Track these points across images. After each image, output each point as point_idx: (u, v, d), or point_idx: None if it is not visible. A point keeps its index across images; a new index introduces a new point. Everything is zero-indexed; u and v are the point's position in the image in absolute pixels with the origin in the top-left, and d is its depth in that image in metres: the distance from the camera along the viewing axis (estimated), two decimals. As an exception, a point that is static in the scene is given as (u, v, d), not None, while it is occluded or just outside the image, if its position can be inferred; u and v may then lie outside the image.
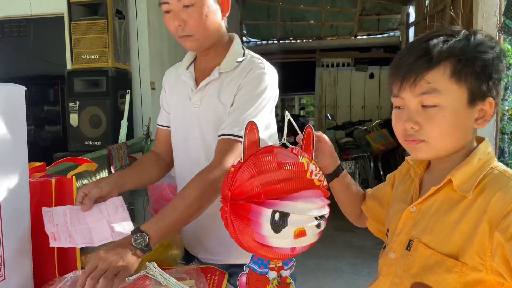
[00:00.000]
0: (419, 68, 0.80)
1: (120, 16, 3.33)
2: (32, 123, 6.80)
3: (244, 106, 1.18)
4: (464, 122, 0.80)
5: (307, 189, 0.84)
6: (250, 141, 0.87)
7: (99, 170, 2.84)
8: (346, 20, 7.88)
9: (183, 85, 1.33)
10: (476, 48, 0.79)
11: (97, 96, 3.25)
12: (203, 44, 1.22)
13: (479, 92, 0.79)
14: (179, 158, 1.37)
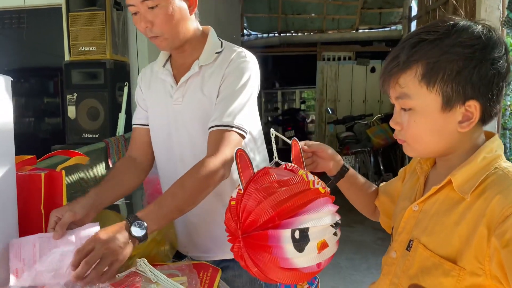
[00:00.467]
0: (391, 72, 0.79)
1: (119, 7, 3.29)
2: (32, 115, 6.78)
3: (232, 95, 1.17)
4: (441, 126, 0.77)
5: (315, 199, 0.82)
6: (243, 168, 0.85)
7: (96, 163, 2.82)
8: (348, 13, 7.81)
9: (161, 83, 1.30)
10: (449, 49, 0.74)
11: (95, 88, 3.22)
12: (173, 43, 1.20)
13: (456, 96, 0.75)
14: (162, 157, 1.34)
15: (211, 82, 1.21)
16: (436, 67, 0.74)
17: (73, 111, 3.25)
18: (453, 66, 0.74)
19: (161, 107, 1.29)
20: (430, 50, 0.75)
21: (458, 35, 0.74)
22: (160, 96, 1.30)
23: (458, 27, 0.75)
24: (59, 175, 1.10)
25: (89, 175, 2.71)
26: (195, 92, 1.23)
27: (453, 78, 0.74)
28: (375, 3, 7.72)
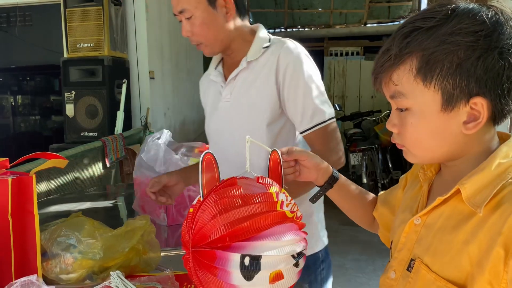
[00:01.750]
0: (383, 67, 0.68)
1: (117, 2, 3.21)
2: (37, 113, 6.77)
3: (305, 92, 1.16)
4: (443, 128, 0.66)
5: (279, 223, 0.72)
6: (208, 175, 0.76)
7: (93, 162, 2.75)
8: (356, 7, 7.65)
9: (213, 85, 1.34)
10: (447, 38, 0.62)
11: (93, 86, 3.16)
12: (214, 49, 1.24)
13: (458, 93, 0.63)
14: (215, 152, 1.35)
15: (263, 76, 1.20)
16: (433, 59, 0.63)
17: (72, 109, 3.18)
18: (452, 57, 0.62)
19: (213, 108, 1.32)
20: (426, 39, 0.64)
21: (458, 21, 0.63)
22: (212, 97, 1.34)
23: (459, 11, 0.63)
24: (29, 180, 1.01)
25: (85, 175, 2.64)
26: (245, 86, 1.23)
27: (453, 72, 0.63)
28: (383, -3, 7.57)
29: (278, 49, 1.18)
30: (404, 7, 7.53)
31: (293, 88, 1.16)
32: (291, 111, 1.18)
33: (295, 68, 1.16)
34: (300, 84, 1.16)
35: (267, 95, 1.18)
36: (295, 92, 1.16)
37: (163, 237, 1.61)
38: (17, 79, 6.56)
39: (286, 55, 1.17)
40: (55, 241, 1.03)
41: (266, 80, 1.18)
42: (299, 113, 1.16)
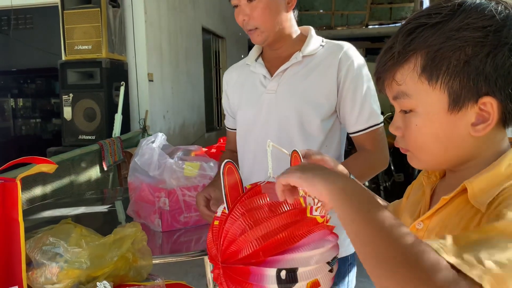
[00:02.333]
0: (385, 66, 0.64)
1: (115, 4, 3.18)
2: (37, 116, 6.76)
3: (364, 94, 1.19)
4: (449, 131, 0.62)
5: (312, 231, 0.68)
6: (231, 185, 0.73)
7: (90, 166, 2.72)
8: (357, 9, 7.63)
9: (252, 76, 1.31)
10: (454, 33, 0.58)
11: (91, 88, 3.13)
12: (268, 37, 1.22)
13: (465, 93, 0.59)
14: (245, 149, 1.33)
15: (320, 72, 1.20)
16: (438, 57, 0.59)
17: (69, 112, 3.15)
18: (459, 54, 0.58)
19: (253, 98, 1.28)
20: (431, 36, 0.59)
21: (466, 16, 0.59)
22: (249, 88, 1.30)
23: (465, 6, 0.60)
24: (14, 186, 0.97)
25: (82, 178, 2.61)
26: (297, 80, 1.22)
27: (460, 70, 0.58)
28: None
29: (339, 50, 1.21)
30: (405, 8, 7.49)
31: (353, 88, 1.19)
32: (347, 110, 1.20)
33: (358, 70, 1.19)
34: (360, 86, 1.19)
35: (324, 91, 1.20)
36: (354, 93, 1.19)
37: (157, 243, 1.57)
38: (18, 82, 6.56)
39: (349, 56, 1.20)
40: (40, 249, 0.99)
41: (324, 76, 1.20)
42: (356, 113, 1.20)
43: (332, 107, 1.21)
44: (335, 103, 1.20)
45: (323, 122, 1.21)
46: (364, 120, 1.20)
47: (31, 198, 2.09)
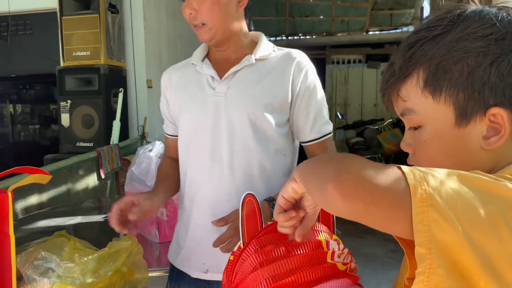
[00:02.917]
0: (388, 83, 0.62)
1: (114, 10, 3.16)
2: (36, 122, 6.72)
3: (318, 105, 1.20)
4: (460, 146, 0.59)
5: (329, 278, 0.63)
6: (249, 218, 0.69)
7: (88, 174, 2.68)
8: (358, 15, 7.61)
9: (197, 76, 1.23)
10: (454, 45, 0.56)
11: (89, 95, 3.10)
12: (216, 35, 1.17)
13: (472, 105, 0.57)
14: (189, 157, 1.23)
15: (274, 78, 1.17)
16: (440, 70, 0.57)
17: (67, 119, 3.12)
18: (461, 66, 0.56)
19: (199, 100, 1.21)
20: (431, 49, 0.57)
21: (465, 26, 0.56)
22: (197, 89, 1.22)
23: (465, 16, 0.57)
24: (5, 198, 0.94)
25: (79, 186, 2.57)
26: (247, 84, 1.17)
27: (463, 82, 0.56)
28: (385, 4, 7.52)
29: (292, 57, 1.19)
30: (406, 14, 7.48)
31: (308, 97, 1.18)
32: (301, 119, 1.19)
33: (312, 78, 1.19)
34: (315, 95, 1.19)
35: (277, 97, 1.16)
36: (309, 102, 1.18)
37: (155, 254, 1.54)
38: (17, 87, 6.53)
39: (303, 64, 1.18)
40: (32, 264, 0.95)
41: (277, 82, 1.17)
42: (310, 122, 1.19)
43: (286, 114, 1.18)
44: (288, 111, 1.18)
45: (278, 128, 1.17)
46: (319, 129, 1.20)
47: (26, 207, 2.05)
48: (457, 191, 0.47)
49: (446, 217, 0.45)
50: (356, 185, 0.49)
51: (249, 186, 1.15)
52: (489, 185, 0.48)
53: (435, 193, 0.46)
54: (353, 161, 0.52)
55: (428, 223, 0.45)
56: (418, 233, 0.45)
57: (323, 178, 0.51)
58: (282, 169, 1.20)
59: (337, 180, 0.49)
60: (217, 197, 1.17)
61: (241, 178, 1.16)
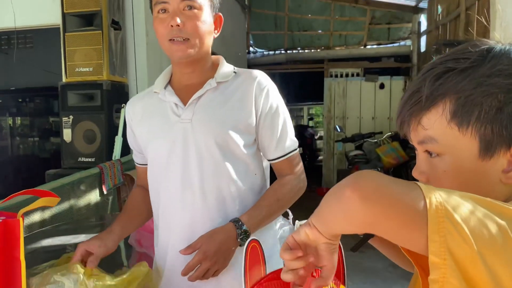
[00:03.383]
0: (411, 110, 0.63)
1: (117, 26, 3.19)
2: (36, 135, 6.72)
3: (281, 123, 1.22)
4: (480, 178, 0.60)
5: None
6: (252, 264, 0.70)
7: (90, 190, 2.68)
8: (355, 29, 7.69)
9: (161, 105, 1.23)
10: (485, 79, 0.57)
11: (92, 110, 3.11)
12: (195, 51, 1.16)
13: (497, 139, 0.58)
14: (161, 185, 1.23)
15: (237, 100, 1.19)
16: (470, 103, 0.58)
17: (69, 134, 3.12)
18: (491, 101, 0.57)
19: (165, 129, 1.21)
20: (461, 81, 0.58)
21: (497, 62, 0.58)
22: (162, 118, 1.22)
23: (495, 52, 0.59)
24: (16, 223, 0.94)
25: (81, 203, 2.56)
26: (212, 108, 1.19)
27: (492, 117, 0.57)
28: (383, 18, 7.60)
29: (253, 77, 1.21)
30: (403, 28, 7.56)
31: (272, 116, 1.20)
32: (267, 138, 1.21)
33: (274, 97, 1.21)
34: (278, 113, 1.21)
35: (243, 118, 1.18)
36: (274, 120, 1.21)
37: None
38: (16, 100, 6.53)
39: (265, 83, 1.20)
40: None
41: (242, 104, 1.18)
42: (275, 140, 1.21)
43: (253, 134, 1.20)
44: (254, 131, 1.20)
45: (246, 149, 1.19)
46: (284, 147, 1.22)
47: (29, 225, 2.05)
48: (470, 209, 0.48)
49: (460, 230, 0.46)
50: (374, 188, 0.50)
51: (222, 210, 1.18)
52: (500, 208, 0.49)
53: (450, 207, 0.47)
54: (368, 171, 0.53)
55: (444, 234, 0.46)
56: (433, 242, 0.46)
57: (340, 188, 0.52)
58: (254, 189, 1.22)
59: (355, 183, 0.51)
60: (191, 223, 1.18)
61: (214, 202, 1.17)
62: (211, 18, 1.19)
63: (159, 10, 1.15)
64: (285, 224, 1.98)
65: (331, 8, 7.62)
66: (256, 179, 1.23)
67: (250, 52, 8.10)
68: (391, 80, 7.15)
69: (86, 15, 3.11)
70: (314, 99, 11.27)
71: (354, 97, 7.30)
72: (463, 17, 4.26)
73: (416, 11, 7.09)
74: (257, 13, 7.99)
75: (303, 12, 7.83)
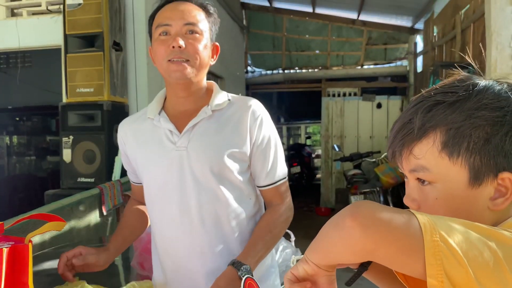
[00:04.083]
0: (403, 141, 0.66)
1: (118, 48, 3.22)
2: (33, 154, 6.70)
3: (273, 152, 1.24)
4: (469, 204, 0.63)
5: None
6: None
7: (90, 211, 2.66)
8: (352, 49, 7.79)
9: (156, 131, 1.23)
10: (473, 112, 0.61)
11: (92, 131, 3.11)
12: (193, 73, 1.18)
13: (486, 168, 0.61)
14: (159, 210, 1.24)
15: (233, 128, 1.21)
16: (459, 134, 0.62)
17: (69, 155, 3.12)
18: (479, 133, 0.61)
19: (161, 156, 1.21)
20: (450, 114, 0.62)
21: (483, 96, 0.62)
22: (157, 145, 1.22)
23: (480, 88, 0.63)
24: (25, 249, 0.94)
25: (81, 224, 2.54)
26: (208, 136, 1.19)
27: (480, 148, 0.61)
28: (380, 39, 7.72)
29: (247, 106, 1.22)
30: (400, 49, 7.67)
31: (265, 144, 1.23)
32: (259, 165, 1.23)
33: (267, 127, 1.23)
34: (270, 143, 1.24)
35: (237, 145, 1.19)
36: (267, 148, 1.23)
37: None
38: (13, 119, 6.54)
39: (259, 112, 1.22)
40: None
41: (236, 131, 1.20)
42: (267, 167, 1.24)
43: (247, 162, 1.22)
44: (248, 158, 1.22)
45: (241, 175, 1.21)
46: (273, 175, 1.25)
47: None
48: (462, 233, 0.51)
49: (455, 253, 0.49)
50: (373, 217, 0.52)
51: (220, 235, 1.19)
52: (490, 231, 0.52)
53: (443, 232, 0.50)
54: (364, 201, 0.56)
55: (440, 257, 0.49)
56: (430, 265, 0.49)
57: (340, 218, 0.55)
58: (249, 213, 1.24)
59: (355, 213, 0.53)
60: (190, 250, 1.19)
61: (212, 229, 1.18)
62: (210, 45, 1.22)
63: (160, 32, 1.17)
64: (288, 247, 1.98)
65: (328, 28, 7.73)
66: (250, 204, 1.24)
67: (248, 72, 8.17)
68: (388, 99, 7.21)
69: (87, 36, 3.14)
70: (311, 117, 11.33)
71: (352, 116, 7.35)
72: (459, 38, 4.33)
73: (412, 32, 7.20)
74: (255, 34, 8.09)
75: (301, 32, 7.94)
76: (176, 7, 1.18)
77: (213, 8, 1.25)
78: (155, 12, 1.22)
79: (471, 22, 3.97)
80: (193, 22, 1.16)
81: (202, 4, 1.22)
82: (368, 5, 6.49)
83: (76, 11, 3.11)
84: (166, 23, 1.16)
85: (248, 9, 7.92)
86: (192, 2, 1.20)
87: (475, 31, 3.88)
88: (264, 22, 7.99)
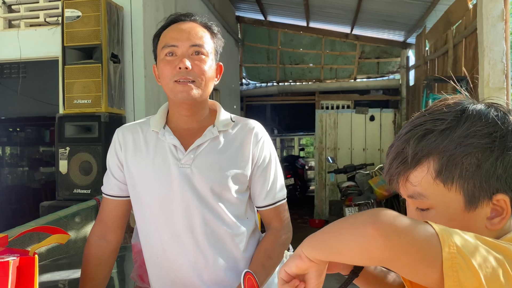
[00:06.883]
0: (398, 169, 0.69)
1: (116, 60, 3.24)
2: (26, 165, 6.65)
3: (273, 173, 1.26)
4: (468, 226, 0.64)
5: None
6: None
7: (86, 222, 2.65)
8: (346, 63, 7.89)
9: (160, 145, 1.22)
10: (463, 140, 0.64)
11: (89, 142, 3.11)
12: (199, 93, 1.18)
13: (479, 192, 0.64)
14: (160, 226, 1.22)
15: (237, 149, 1.23)
16: (451, 162, 0.64)
17: (65, 166, 3.11)
18: (471, 160, 0.63)
19: (164, 171, 1.20)
20: (441, 142, 0.65)
21: (471, 123, 0.64)
22: (160, 159, 1.21)
23: (468, 114, 0.65)
24: (31, 261, 0.94)
25: (78, 236, 2.53)
26: (213, 155, 1.21)
27: (473, 173, 0.64)
28: (372, 53, 7.82)
29: (250, 128, 1.26)
30: (392, 63, 7.78)
31: (265, 165, 1.25)
32: (259, 186, 1.25)
33: (268, 149, 1.27)
34: (271, 165, 1.26)
35: (240, 166, 1.21)
36: (267, 169, 1.25)
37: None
38: (6, 130, 6.50)
39: (261, 134, 1.26)
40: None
41: (240, 152, 1.22)
42: (267, 188, 1.25)
43: (246, 182, 1.24)
44: (248, 179, 1.24)
45: (240, 194, 1.23)
46: (273, 196, 1.26)
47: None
48: (475, 246, 0.53)
49: (470, 265, 0.50)
50: (395, 227, 0.53)
51: (224, 250, 1.21)
52: (497, 245, 0.55)
53: (459, 244, 0.52)
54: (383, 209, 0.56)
55: (456, 269, 0.50)
56: (447, 277, 0.51)
57: (360, 224, 0.55)
58: (249, 230, 1.26)
59: (377, 222, 0.53)
60: (194, 265, 1.19)
61: (216, 244, 1.20)
62: (214, 65, 1.23)
63: (167, 53, 1.17)
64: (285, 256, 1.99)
65: (322, 42, 7.83)
66: (249, 222, 1.27)
67: (243, 84, 8.23)
68: (381, 112, 7.29)
69: (85, 48, 3.16)
70: (305, 129, 11.39)
71: (345, 129, 7.41)
72: (451, 53, 4.42)
73: (405, 46, 7.32)
74: (250, 47, 8.17)
75: (295, 46, 8.03)
76: (181, 27, 1.19)
77: (217, 28, 1.27)
78: (160, 31, 1.23)
79: (463, 37, 4.05)
80: (200, 44, 1.18)
81: (207, 24, 1.24)
82: (361, 19, 6.59)
83: (75, 23, 3.13)
84: (173, 44, 1.17)
85: (243, 22, 8.01)
86: (197, 21, 1.22)
87: (467, 46, 3.96)
88: (259, 35, 8.08)
